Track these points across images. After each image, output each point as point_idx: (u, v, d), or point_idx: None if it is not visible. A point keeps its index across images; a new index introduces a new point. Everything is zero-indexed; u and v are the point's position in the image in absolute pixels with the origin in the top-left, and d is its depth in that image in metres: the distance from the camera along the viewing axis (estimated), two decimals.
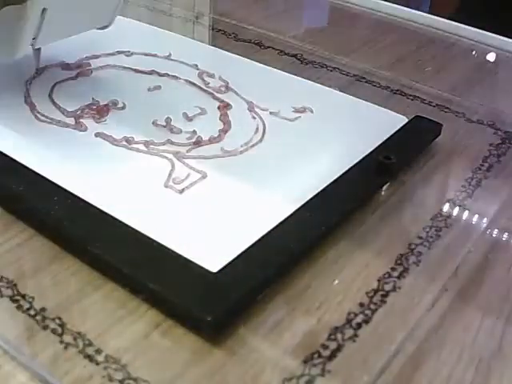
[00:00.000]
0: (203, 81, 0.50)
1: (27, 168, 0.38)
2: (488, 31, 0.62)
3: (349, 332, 0.31)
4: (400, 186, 0.41)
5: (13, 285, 0.31)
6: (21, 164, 0.38)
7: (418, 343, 0.31)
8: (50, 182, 0.37)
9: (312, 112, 0.47)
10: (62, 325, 0.29)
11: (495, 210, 0.40)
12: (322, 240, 0.36)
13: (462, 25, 0.63)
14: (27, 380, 0.28)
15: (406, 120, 0.46)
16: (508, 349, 0.31)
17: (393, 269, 0.34)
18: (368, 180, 0.40)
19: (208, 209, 0.37)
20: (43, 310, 0.30)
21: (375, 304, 0.32)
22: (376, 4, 0.68)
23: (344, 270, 0.34)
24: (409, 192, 0.41)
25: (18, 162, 0.38)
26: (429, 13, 0.66)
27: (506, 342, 0.31)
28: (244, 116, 0.46)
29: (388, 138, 0.43)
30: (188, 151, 0.41)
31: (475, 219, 0.40)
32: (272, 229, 0.35)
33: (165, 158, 0.40)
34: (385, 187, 0.41)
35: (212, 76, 0.51)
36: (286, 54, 0.57)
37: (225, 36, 0.60)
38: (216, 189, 0.38)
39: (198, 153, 0.41)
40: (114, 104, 0.46)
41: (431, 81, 0.54)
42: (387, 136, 0.44)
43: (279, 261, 0.33)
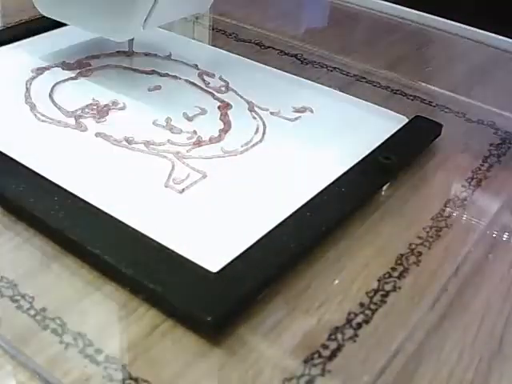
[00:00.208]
0: (203, 81, 0.50)
1: (27, 168, 0.38)
2: (489, 31, 0.62)
3: (349, 332, 0.30)
4: (400, 186, 0.41)
5: (13, 285, 0.31)
6: (21, 164, 0.38)
7: (418, 343, 0.30)
8: (50, 182, 0.37)
9: (312, 112, 0.47)
10: (62, 325, 0.29)
11: (495, 210, 0.40)
12: (322, 240, 0.35)
13: (463, 25, 0.63)
14: (27, 380, 0.27)
15: (406, 120, 0.46)
16: (508, 349, 0.31)
17: (393, 269, 0.34)
18: (368, 180, 0.40)
19: (208, 209, 0.37)
20: (43, 310, 0.30)
21: (375, 304, 0.32)
22: (376, 4, 0.68)
23: (344, 270, 0.34)
24: (409, 192, 0.41)
25: (18, 162, 0.38)
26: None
27: (506, 342, 0.31)
28: (244, 116, 0.46)
29: (388, 138, 0.43)
30: (188, 151, 0.41)
31: (475, 219, 0.39)
32: (272, 229, 0.35)
33: (165, 158, 0.40)
34: (385, 187, 0.41)
35: (212, 76, 0.51)
36: (286, 54, 0.57)
37: (225, 36, 0.60)
38: (216, 189, 0.38)
39: (198, 153, 0.41)
40: (114, 104, 0.46)
41: (431, 81, 0.54)
42: (387, 136, 0.44)
43: (279, 261, 0.33)
